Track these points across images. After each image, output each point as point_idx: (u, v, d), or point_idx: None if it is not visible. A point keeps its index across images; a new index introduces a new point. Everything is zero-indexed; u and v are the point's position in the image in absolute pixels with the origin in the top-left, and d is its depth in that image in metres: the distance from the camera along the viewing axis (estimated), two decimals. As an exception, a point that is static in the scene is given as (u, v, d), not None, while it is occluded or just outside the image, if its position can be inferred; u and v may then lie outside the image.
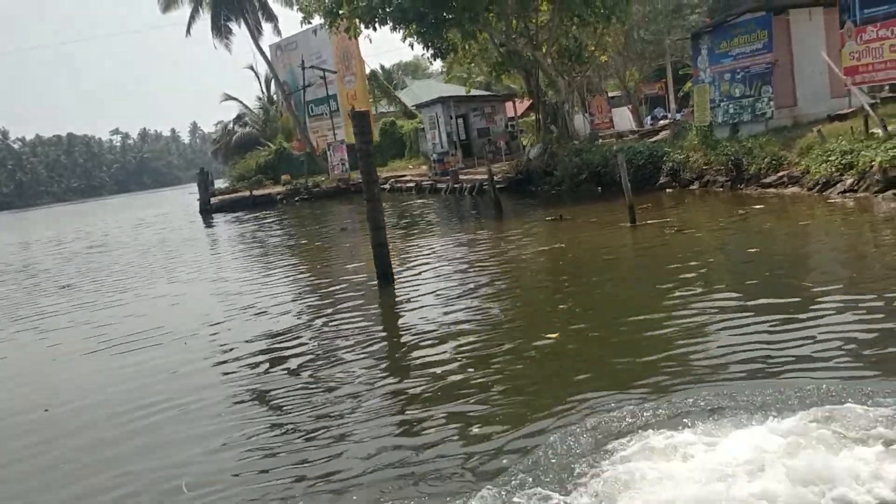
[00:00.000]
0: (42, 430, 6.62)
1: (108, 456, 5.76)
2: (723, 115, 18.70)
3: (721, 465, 4.07)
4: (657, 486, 3.98)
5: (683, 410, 4.95)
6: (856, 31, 15.61)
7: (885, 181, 12.32)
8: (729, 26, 18.49)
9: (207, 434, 5.92)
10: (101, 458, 5.74)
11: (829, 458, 3.99)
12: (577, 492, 4.08)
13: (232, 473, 5.15)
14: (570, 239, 13.37)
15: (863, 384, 4.98)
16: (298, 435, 5.68)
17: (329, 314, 9.89)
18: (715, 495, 3.81)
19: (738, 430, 4.48)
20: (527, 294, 9.90)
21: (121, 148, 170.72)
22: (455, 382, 6.36)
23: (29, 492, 5.36)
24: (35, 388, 8.13)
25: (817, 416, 4.46)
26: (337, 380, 6.93)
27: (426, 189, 30.14)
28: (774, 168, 15.35)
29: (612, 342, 7.01)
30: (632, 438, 4.60)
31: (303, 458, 5.23)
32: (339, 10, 20.99)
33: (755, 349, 6.03)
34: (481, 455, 4.84)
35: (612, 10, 21.38)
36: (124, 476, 5.31)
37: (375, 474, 4.81)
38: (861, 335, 6.03)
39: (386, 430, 5.57)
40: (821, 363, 5.55)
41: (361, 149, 10.07)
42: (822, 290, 7.49)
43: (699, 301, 7.80)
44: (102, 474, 5.42)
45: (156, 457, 5.61)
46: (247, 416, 6.27)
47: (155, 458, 5.59)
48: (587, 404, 5.36)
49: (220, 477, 5.10)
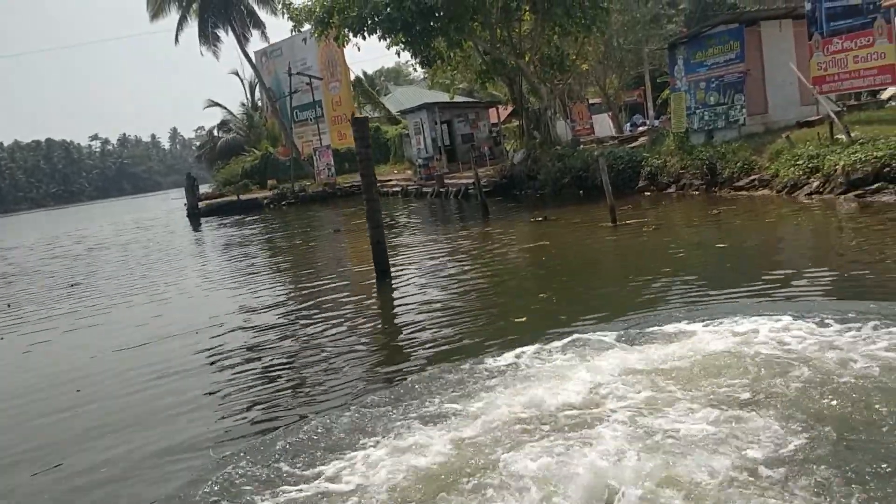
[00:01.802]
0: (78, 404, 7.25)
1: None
2: (698, 122, 19.57)
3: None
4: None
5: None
6: (823, 43, 16.49)
7: (847, 183, 13.19)
8: (703, 37, 19.37)
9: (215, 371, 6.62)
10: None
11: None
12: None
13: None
14: (554, 237, 14.17)
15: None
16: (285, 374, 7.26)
17: (332, 305, 10.61)
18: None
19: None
20: (511, 283, 10.90)
21: (100, 153, 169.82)
22: (432, 343, 7.74)
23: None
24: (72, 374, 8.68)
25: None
26: (336, 342, 8.23)
27: (412, 193, 30.78)
28: (746, 172, 16.20)
29: (575, 305, 8.58)
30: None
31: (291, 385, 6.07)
32: (330, 20, 21.65)
33: (691, 298, 7.88)
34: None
35: (592, 20, 22.19)
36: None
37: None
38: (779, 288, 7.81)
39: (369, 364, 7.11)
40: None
41: (361, 152, 10.75)
42: (775, 270, 8.85)
43: (665, 278, 9.18)
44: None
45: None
46: (251, 368, 7.67)
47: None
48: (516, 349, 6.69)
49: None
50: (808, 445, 4.16)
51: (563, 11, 21.68)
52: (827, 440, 4.19)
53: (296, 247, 19.90)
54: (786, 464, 4.00)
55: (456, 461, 4.54)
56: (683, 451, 4.23)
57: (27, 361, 9.59)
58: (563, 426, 4.82)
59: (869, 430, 4.27)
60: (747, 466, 3.99)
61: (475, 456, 4.56)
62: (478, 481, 4.24)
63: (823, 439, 4.21)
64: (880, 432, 4.22)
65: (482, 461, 4.48)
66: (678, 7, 35.28)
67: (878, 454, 3.97)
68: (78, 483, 5.30)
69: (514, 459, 4.36)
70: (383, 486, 4.37)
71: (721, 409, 4.73)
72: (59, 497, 5.13)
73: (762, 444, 4.22)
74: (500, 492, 4.08)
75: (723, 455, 4.13)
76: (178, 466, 5.27)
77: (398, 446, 4.85)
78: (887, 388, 4.74)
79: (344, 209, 30.19)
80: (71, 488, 5.24)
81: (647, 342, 6.32)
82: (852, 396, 4.70)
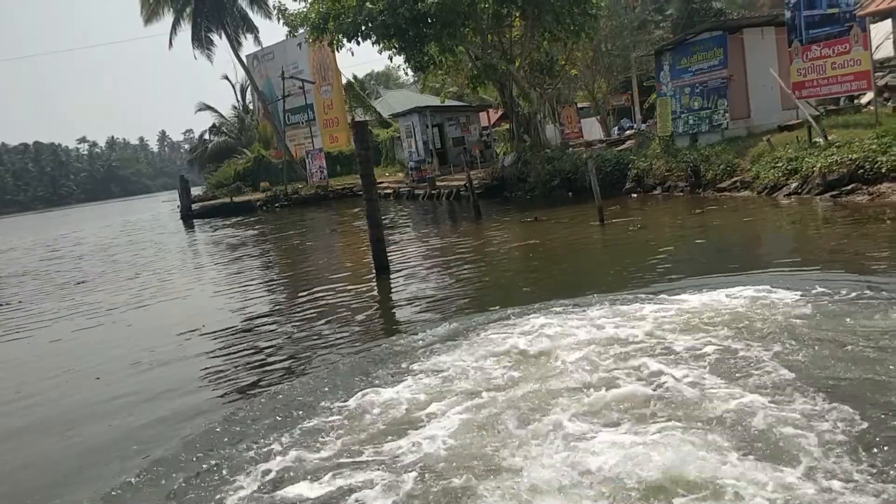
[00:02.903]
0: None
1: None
2: (683, 126, 20.22)
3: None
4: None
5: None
6: (802, 50, 17.13)
7: (824, 184, 13.83)
8: (688, 44, 20.02)
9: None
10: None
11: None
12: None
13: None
14: (544, 235, 14.78)
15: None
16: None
17: (335, 296, 11.26)
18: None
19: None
20: (503, 275, 11.64)
21: (88, 156, 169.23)
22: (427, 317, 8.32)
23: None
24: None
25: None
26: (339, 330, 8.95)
27: (404, 195, 31.28)
28: (729, 174, 16.84)
29: (562, 289, 9.49)
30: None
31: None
32: (325, 26, 22.16)
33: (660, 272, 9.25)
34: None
35: (581, 26, 22.78)
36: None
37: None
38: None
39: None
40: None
41: (361, 154, 11.31)
42: (745, 260, 9.94)
43: (643, 265, 10.09)
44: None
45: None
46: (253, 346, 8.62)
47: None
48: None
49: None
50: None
51: (552, 18, 22.28)
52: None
53: (294, 247, 20.40)
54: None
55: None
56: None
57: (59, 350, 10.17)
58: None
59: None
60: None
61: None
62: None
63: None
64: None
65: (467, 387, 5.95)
66: (665, 13, 35.93)
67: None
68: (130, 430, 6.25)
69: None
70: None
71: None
72: (125, 436, 6.17)
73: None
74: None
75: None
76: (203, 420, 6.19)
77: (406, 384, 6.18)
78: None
79: (337, 211, 30.69)
80: (127, 433, 6.22)
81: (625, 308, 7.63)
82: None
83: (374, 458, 4.83)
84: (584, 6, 22.29)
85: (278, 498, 4.52)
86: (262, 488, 4.68)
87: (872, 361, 5.26)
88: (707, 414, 4.78)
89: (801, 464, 4.01)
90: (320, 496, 4.44)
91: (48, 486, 5.34)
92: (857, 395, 4.78)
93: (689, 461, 4.11)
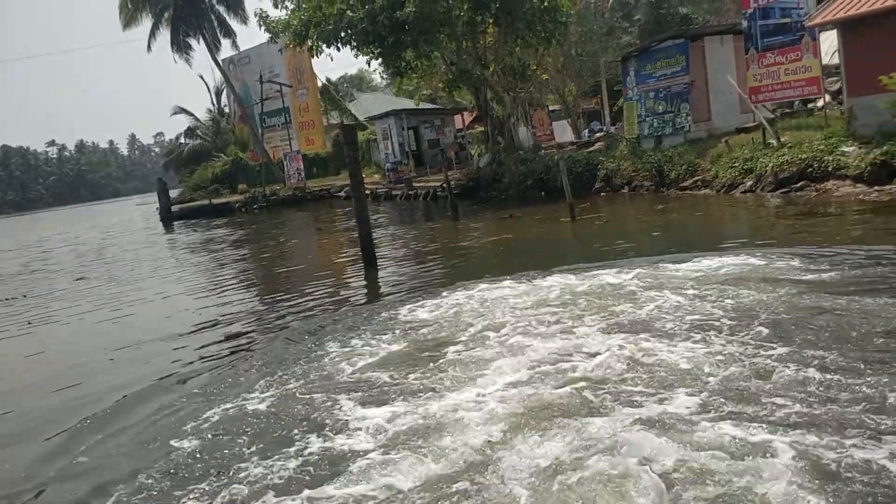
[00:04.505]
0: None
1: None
2: (648, 129, 21.37)
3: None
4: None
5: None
6: (758, 57, 18.30)
7: (775, 182, 15.02)
8: (653, 51, 21.17)
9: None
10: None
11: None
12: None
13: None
14: (519, 230, 15.91)
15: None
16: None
17: (330, 285, 12.25)
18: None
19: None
20: (479, 262, 12.89)
21: (57, 160, 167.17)
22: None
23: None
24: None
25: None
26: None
27: (381, 196, 31.99)
28: (691, 173, 18.00)
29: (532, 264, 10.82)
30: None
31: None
32: (307, 33, 22.97)
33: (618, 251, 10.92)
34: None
35: (552, 33, 23.83)
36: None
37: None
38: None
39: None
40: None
41: (349, 156, 12.20)
42: (690, 243, 11.31)
43: (603, 248, 11.51)
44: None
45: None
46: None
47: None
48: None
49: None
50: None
51: (524, 25, 23.30)
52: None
53: (283, 244, 21.29)
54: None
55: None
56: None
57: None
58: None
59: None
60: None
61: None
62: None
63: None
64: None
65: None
66: (633, 18, 37.03)
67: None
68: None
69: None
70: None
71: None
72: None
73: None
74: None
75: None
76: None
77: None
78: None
79: (316, 212, 31.45)
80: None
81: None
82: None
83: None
84: (554, 14, 23.31)
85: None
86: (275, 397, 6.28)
87: (804, 304, 6.94)
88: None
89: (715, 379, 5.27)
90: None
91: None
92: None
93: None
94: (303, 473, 4.80)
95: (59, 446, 6.02)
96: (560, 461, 4.37)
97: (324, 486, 4.54)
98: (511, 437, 4.82)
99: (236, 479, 4.82)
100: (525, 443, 4.70)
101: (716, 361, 5.70)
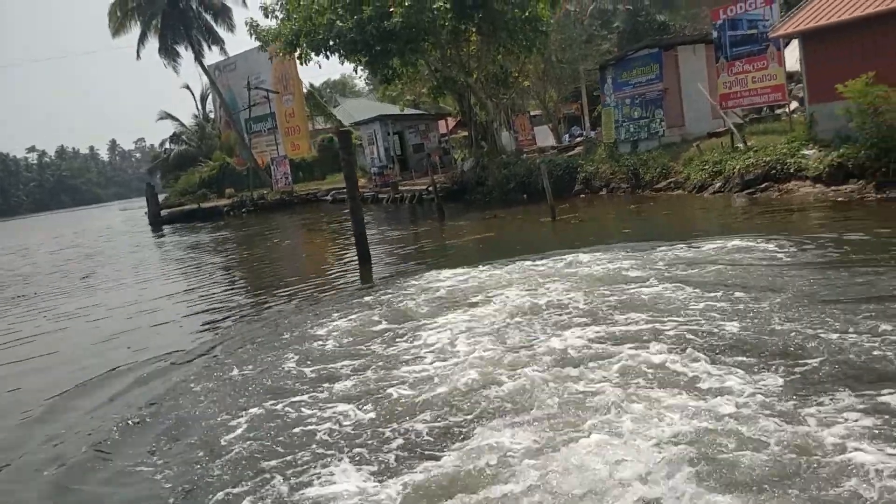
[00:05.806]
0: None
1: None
2: (625, 134, 22.40)
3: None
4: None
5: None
6: (727, 65, 19.30)
7: (742, 183, 16.06)
8: (628, 60, 22.21)
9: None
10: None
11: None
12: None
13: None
14: (501, 229, 16.91)
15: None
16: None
17: (327, 279, 13.20)
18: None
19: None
20: (461, 257, 13.75)
21: (38, 166, 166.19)
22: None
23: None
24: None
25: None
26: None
27: (368, 199, 32.53)
28: (664, 176, 19.02)
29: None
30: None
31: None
32: (297, 42, 23.77)
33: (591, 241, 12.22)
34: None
35: (532, 41, 24.74)
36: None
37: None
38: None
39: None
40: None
41: (345, 159, 13.05)
42: (663, 236, 12.27)
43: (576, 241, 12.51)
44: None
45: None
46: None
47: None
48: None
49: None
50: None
51: (506, 34, 24.21)
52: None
53: (276, 245, 22.09)
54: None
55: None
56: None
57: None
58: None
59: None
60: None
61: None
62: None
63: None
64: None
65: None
66: (612, 26, 38.01)
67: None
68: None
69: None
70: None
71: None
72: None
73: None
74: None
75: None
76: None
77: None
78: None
79: (304, 215, 32.19)
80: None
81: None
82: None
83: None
84: (535, 24, 24.23)
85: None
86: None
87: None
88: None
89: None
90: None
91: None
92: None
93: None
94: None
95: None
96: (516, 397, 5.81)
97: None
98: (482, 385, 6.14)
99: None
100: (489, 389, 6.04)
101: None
